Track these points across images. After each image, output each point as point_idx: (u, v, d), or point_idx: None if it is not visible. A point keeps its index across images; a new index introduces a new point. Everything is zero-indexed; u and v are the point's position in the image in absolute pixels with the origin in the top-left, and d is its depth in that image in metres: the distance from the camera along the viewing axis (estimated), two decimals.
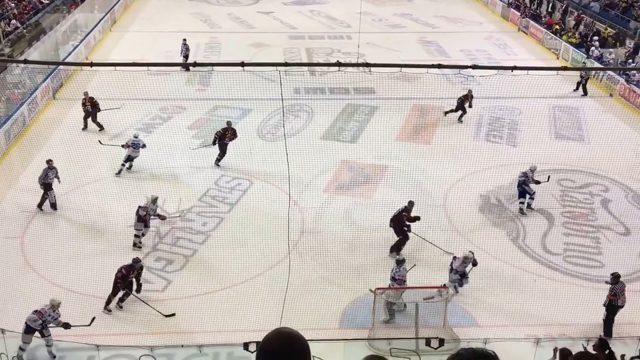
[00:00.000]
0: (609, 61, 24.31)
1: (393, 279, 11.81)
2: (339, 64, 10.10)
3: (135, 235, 13.69)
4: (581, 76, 22.40)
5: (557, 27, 29.17)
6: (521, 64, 20.38)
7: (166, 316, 11.71)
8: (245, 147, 17.46)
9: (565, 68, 12.84)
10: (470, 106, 19.92)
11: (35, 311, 10.50)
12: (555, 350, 9.40)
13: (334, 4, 36.46)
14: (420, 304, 11.47)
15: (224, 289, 12.58)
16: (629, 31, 26.29)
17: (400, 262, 11.87)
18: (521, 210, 15.29)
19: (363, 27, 25.57)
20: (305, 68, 22.72)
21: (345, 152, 18.01)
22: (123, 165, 16.61)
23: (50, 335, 10.67)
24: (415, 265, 12.56)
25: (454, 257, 12.45)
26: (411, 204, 13.69)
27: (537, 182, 15.15)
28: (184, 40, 24.56)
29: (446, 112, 20.04)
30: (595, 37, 26.30)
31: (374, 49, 26.84)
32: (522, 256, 13.83)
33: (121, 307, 11.96)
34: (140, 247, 13.66)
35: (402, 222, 13.61)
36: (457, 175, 16.44)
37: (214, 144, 17.01)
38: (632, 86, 21.69)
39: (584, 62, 24.53)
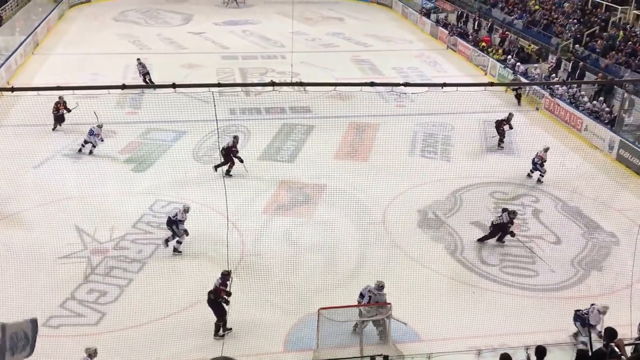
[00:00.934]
0: (534, 76, 25.36)
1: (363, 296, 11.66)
2: (273, 84, 9.99)
3: (178, 242, 14.04)
4: (515, 89, 23.97)
5: (483, 44, 30.27)
6: (451, 80, 20.95)
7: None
8: (180, 170, 17.05)
9: (492, 84, 13.20)
10: (510, 128, 20.10)
11: None
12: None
13: (266, 24, 36.57)
14: (363, 322, 11.43)
15: (163, 318, 12.10)
16: (551, 47, 27.56)
17: (381, 287, 11.67)
18: (538, 180, 17.88)
19: (296, 46, 25.70)
20: (240, 88, 22.52)
21: (283, 172, 17.90)
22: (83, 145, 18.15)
23: None
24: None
25: (589, 311, 11.49)
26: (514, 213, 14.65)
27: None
28: (138, 59, 24.09)
29: (499, 144, 20.21)
30: (509, 56, 27.44)
31: (308, 68, 26.98)
32: (460, 269, 14.04)
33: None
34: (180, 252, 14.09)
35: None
36: (395, 191, 16.61)
37: (225, 161, 17.18)
38: (556, 99, 22.67)
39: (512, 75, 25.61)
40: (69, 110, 19.56)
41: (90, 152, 18.40)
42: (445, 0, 38.92)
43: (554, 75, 25.18)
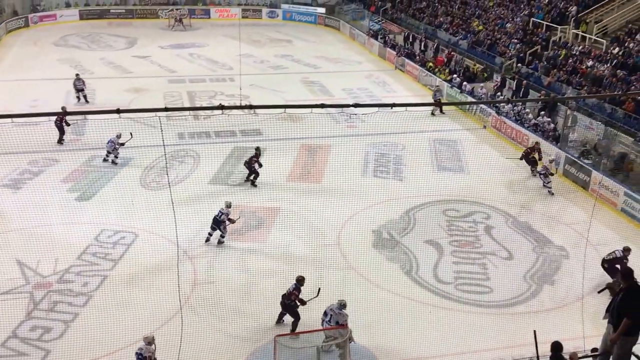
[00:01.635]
0: (480, 95, 25.91)
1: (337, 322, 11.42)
2: (222, 107, 9.76)
3: (222, 236, 15.05)
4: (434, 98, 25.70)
5: (430, 64, 30.83)
6: (400, 100, 21.07)
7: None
8: (127, 198, 16.51)
9: (440, 103, 13.38)
10: (540, 158, 19.80)
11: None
12: None
13: (213, 47, 36.34)
14: (322, 347, 11.21)
15: (111, 353, 11.56)
16: (495, 66, 28.29)
17: (343, 306, 11.51)
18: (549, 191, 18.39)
19: (245, 69, 25.56)
20: (188, 112, 22.17)
21: (235, 196, 17.57)
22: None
23: None
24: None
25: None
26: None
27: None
28: (77, 74, 24.00)
29: (532, 172, 19.84)
30: (455, 75, 28.07)
31: (257, 91, 26.87)
32: (416, 288, 14.00)
33: None
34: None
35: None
36: (349, 212, 16.53)
37: (250, 172, 18.29)
38: (502, 117, 23.19)
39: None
40: (68, 124, 20.25)
41: (114, 162, 19.14)
42: (392, 22, 39.59)
43: (499, 93, 25.80)
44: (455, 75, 28.18)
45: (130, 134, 18.45)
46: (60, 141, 20.45)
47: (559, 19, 28.30)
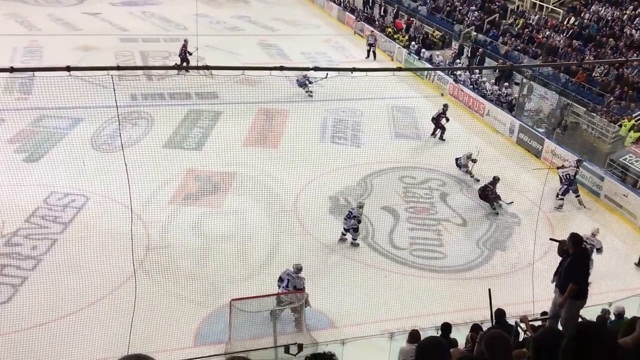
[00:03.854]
0: (438, 62, 25.96)
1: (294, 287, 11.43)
2: (177, 67, 9.47)
3: (354, 238, 14.18)
4: (369, 44, 28.06)
5: (389, 30, 30.64)
6: (359, 66, 20.95)
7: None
8: (77, 160, 15.96)
9: (400, 69, 13.32)
10: (447, 120, 19.71)
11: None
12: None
13: (167, 5, 35.12)
14: (276, 311, 11.21)
15: (61, 317, 11.30)
16: (454, 33, 28.33)
17: (299, 270, 11.57)
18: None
19: (201, 29, 24.80)
20: (141, 72, 21.42)
21: (190, 161, 17.22)
22: None
23: None
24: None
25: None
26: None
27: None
28: None
29: (442, 137, 19.90)
30: (413, 42, 28.09)
31: (213, 52, 26.13)
32: (372, 254, 14.12)
33: None
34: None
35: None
36: (306, 178, 16.42)
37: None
38: (460, 85, 23.34)
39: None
40: (190, 54, 21.96)
41: None
42: None
43: (458, 61, 25.89)
44: (413, 43, 28.11)
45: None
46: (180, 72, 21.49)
47: None
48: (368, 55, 28.31)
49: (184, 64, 22.95)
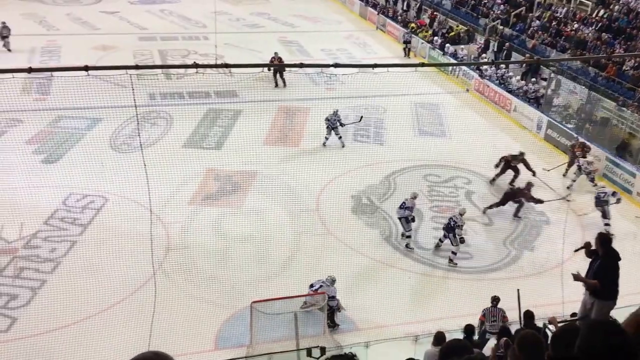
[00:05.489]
0: (462, 57, 25.42)
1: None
2: (196, 66, 9.21)
3: (453, 253, 13.47)
4: (405, 42, 27.63)
5: (413, 25, 30.11)
6: (381, 62, 20.58)
7: None
8: (96, 161, 15.84)
9: (423, 64, 12.87)
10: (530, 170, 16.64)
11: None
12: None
13: (186, 3, 35.04)
14: (299, 314, 10.92)
15: (81, 321, 11.19)
16: (479, 27, 27.72)
17: (333, 282, 11.45)
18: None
19: (220, 27, 24.66)
20: (160, 71, 21.30)
21: (210, 160, 16.97)
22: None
23: None
24: None
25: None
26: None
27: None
28: (3, 22, 23.41)
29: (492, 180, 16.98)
30: (436, 37, 27.54)
31: (233, 50, 25.98)
32: (396, 254, 13.78)
33: None
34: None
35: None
36: (328, 177, 16.12)
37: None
38: (485, 81, 22.79)
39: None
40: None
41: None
42: None
43: (483, 56, 25.31)
44: (436, 37, 27.57)
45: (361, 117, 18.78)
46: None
47: None
48: (406, 54, 27.75)
49: None
